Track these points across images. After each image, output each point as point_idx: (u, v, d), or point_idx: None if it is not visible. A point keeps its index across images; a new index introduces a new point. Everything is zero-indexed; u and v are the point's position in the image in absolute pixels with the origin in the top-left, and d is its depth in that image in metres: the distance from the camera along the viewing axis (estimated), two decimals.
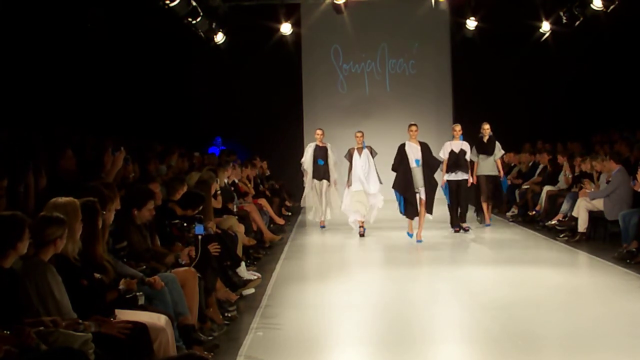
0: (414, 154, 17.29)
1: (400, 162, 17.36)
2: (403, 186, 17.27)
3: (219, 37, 23.66)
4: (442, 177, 18.82)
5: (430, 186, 17.34)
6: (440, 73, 27.70)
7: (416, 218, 17.49)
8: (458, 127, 19.22)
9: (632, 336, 9.32)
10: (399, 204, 17.55)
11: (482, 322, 10.22)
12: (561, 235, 17.10)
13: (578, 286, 12.49)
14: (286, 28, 24.36)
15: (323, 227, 20.28)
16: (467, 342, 9.43)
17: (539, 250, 16.07)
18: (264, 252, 16.04)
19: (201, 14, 20.68)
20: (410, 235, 17.59)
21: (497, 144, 19.70)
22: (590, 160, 18.03)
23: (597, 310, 10.76)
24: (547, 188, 19.79)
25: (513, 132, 23.78)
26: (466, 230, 18.74)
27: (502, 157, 20.16)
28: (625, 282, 12.49)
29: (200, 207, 11.60)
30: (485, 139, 19.71)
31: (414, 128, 17.57)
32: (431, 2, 22.94)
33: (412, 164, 17.21)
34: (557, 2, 23.08)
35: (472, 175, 19.18)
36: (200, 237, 10.16)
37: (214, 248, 10.81)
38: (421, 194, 17.35)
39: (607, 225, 16.22)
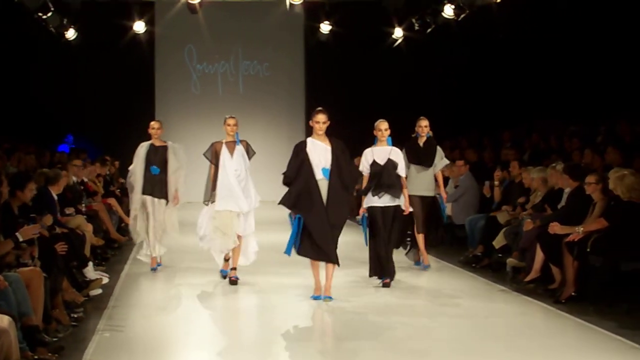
0: (320, 158, 11.31)
1: (299, 170, 11.26)
2: (301, 205, 11.20)
3: (70, 34, 23.22)
4: (360, 201, 12.70)
5: (339, 214, 11.35)
6: (294, 76, 27.83)
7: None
8: (384, 125, 12.63)
9: (478, 339, 9.53)
10: (291, 236, 11.30)
11: (329, 325, 10.31)
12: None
13: (424, 289, 12.66)
14: (139, 26, 24.10)
15: (154, 269, 14.06)
16: (318, 344, 9.49)
17: None
18: (113, 252, 15.82)
19: (52, 9, 20.27)
20: (318, 298, 11.49)
21: (439, 149, 14.13)
22: None
23: (444, 313, 10.95)
24: None
25: (363, 136, 24.03)
26: (384, 283, 12.45)
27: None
28: (471, 286, 12.76)
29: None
30: (422, 142, 14.07)
31: (321, 117, 11.38)
32: (286, 6, 23.01)
33: (318, 175, 11.24)
34: (410, 9, 23.44)
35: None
36: (38, 235, 9.92)
37: (60, 247, 10.61)
38: None
39: (454, 230, 16.51)
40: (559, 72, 21.97)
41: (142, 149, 14.07)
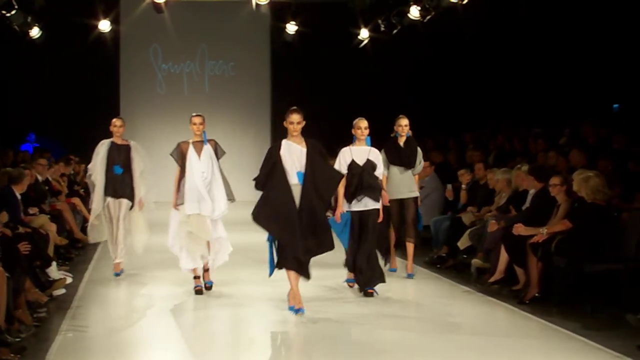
0: (295, 161, 10.53)
1: (271, 174, 10.47)
2: (275, 216, 10.37)
3: (35, 32, 23.02)
4: (337, 205, 11.61)
5: (313, 222, 10.43)
6: (260, 76, 27.78)
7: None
8: (364, 124, 12.02)
9: (442, 339, 9.56)
10: (270, 252, 10.68)
11: (294, 329, 10.27)
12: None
13: (390, 290, 12.65)
14: (105, 25, 23.97)
15: (118, 273, 13.46)
16: (280, 346, 9.48)
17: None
18: (77, 252, 15.74)
19: (16, 7, 20.09)
20: (297, 311, 10.59)
21: (419, 150, 13.46)
22: None
23: (408, 314, 10.98)
24: None
25: (329, 137, 24.03)
26: (370, 294, 11.82)
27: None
28: (436, 287, 12.78)
29: None
30: (402, 142, 13.34)
31: (295, 117, 10.66)
32: (252, 6, 22.97)
33: (293, 179, 10.45)
34: (376, 10, 23.46)
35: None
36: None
37: (24, 247, 10.56)
38: None
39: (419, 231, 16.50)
40: (524, 74, 22.10)
41: (103, 147, 13.40)
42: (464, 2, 18.47)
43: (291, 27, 24.65)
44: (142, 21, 25.90)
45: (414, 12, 20.41)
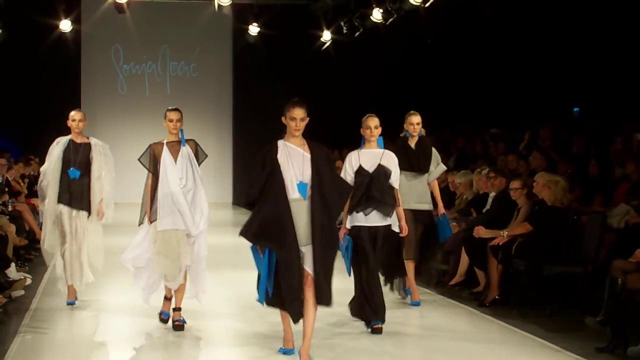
0: (296, 168, 8.21)
1: (265, 186, 8.13)
2: (269, 236, 8.02)
3: None
4: (343, 220, 9.83)
5: (326, 242, 8.04)
6: (222, 77, 27.79)
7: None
8: (374, 122, 10.01)
9: (401, 342, 9.57)
10: (259, 279, 8.20)
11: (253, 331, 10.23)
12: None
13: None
14: (66, 25, 23.85)
15: (72, 303, 11.03)
16: (240, 348, 9.44)
17: None
18: (36, 253, 15.62)
19: None
20: (289, 352, 8.58)
21: (435, 152, 11.54)
22: None
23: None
24: None
25: None
26: (375, 329, 9.74)
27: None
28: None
29: None
30: (413, 143, 11.53)
31: (298, 112, 8.62)
32: (214, 7, 22.94)
33: (294, 193, 8.09)
34: (338, 12, 23.50)
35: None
36: None
37: None
38: (306, 259, 8.06)
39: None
40: (485, 76, 22.20)
41: (58, 145, 11.10)
42: (426, 5, 18.56)
43: (253, 29, 24.68)
44: (103, 21, 25.88)
45: (377, 14, 20.49)
